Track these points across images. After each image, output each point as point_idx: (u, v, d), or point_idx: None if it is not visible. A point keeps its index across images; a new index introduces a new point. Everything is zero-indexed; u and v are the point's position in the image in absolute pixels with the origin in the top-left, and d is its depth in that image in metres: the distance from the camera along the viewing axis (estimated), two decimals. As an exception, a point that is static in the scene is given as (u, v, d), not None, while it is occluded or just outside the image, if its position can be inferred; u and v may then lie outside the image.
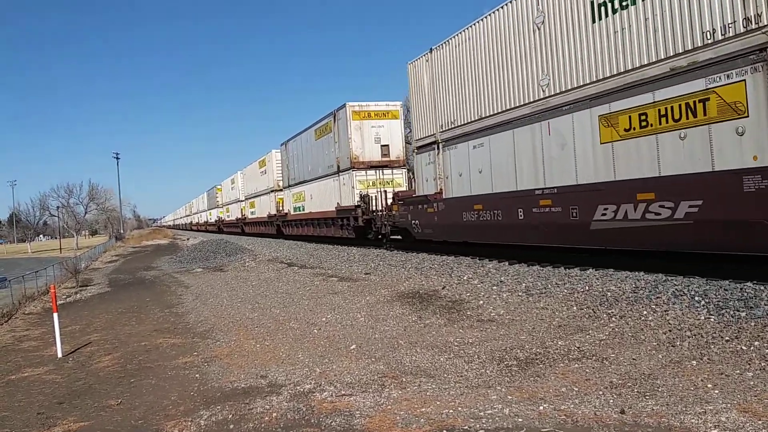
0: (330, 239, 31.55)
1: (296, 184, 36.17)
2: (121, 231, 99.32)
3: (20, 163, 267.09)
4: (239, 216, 57.67)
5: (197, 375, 8.36)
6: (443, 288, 13.24)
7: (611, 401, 5.85)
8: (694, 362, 6.80)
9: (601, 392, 6.14)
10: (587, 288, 10.73)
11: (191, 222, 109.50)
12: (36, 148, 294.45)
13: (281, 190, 40.69)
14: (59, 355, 10.65)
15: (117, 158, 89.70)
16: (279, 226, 41.29)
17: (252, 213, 50.50)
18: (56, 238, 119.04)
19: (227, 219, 66.96)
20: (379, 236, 24.27)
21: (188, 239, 62.35)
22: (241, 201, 56.67)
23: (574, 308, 9.84)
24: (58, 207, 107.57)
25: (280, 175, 40.71)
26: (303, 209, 34.84)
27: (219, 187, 73.39)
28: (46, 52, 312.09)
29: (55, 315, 11.18)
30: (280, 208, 40.49)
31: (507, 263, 14.80)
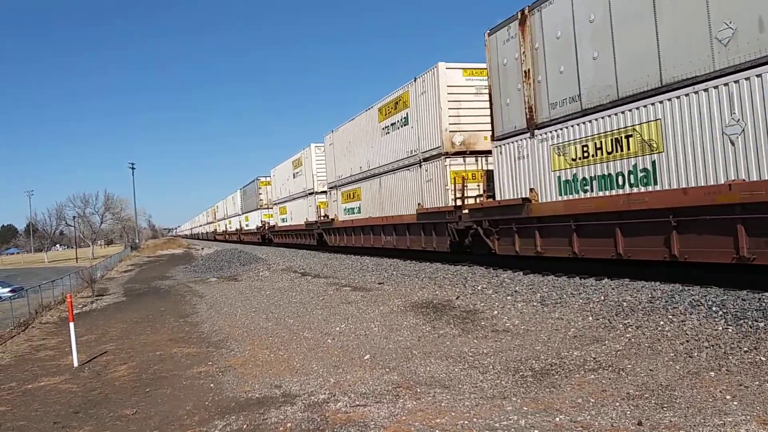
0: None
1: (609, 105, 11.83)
2: (137, 240, 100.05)
3: (37, 173, 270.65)
4: (314, 218, 34.66)
5: (212, 385, 8.39)
6: (457, 298, 13.19)
7: (628, 413, 5.79)
8: (713, 373, 6.71)
9: (617, 403, 6.07)
10: (603, 298, 10.64)
11: (215, 230, 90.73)
12: (53, 159, 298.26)
13: (479, 154, 18.48)
14: (75, 364, 10.74)
15: (132, 168, 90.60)
16: (477, 233, 16.84)
17: (351, 211, 27.92)
18: (72, 247, 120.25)
19: (283, 224, 43.88)
20: None
21: (203, 249, 62.61)
22: (317, 194, 34.99)
23: (590, 318, 9.76)
24: (74, 217, 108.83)
25: (463, 120, 18.56)
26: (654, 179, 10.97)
27: (265, 179, 52.33)
28: (64, 62, 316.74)
29: (71, 324, 11.27)
30: (461, 192, 17.50)
31: (521, 273, 14.71)
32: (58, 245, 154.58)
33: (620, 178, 11.71)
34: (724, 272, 10.54)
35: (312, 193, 35.78)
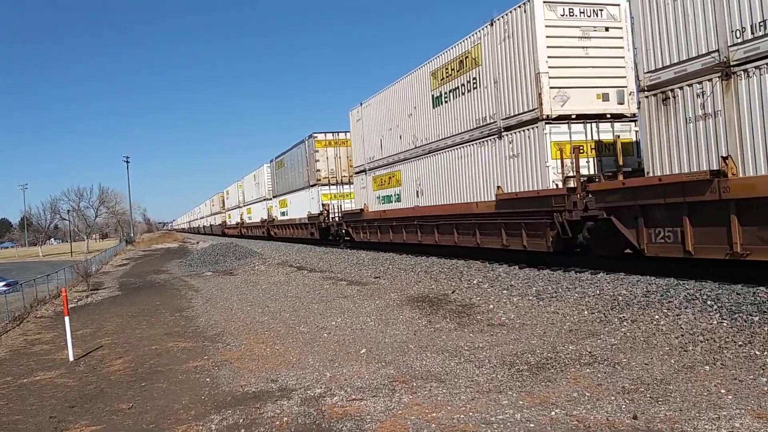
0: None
1: None
2: (131, 234, 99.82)
3: (31, 167, 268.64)
4: (547, 182, 13.81)
5: (208, 379, 8.38)
6: (453, 292, 13.21)
7: (623, 406, 5.81)
8: (707, 367, 6.74)
9: (613, 397, 6.10)
10: (598, 292, 10.67)
11: (224, 222, 73.00)
12: (47, 153, 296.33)
13: None
14: (71, 358, 10.71)
15: (127, 162, 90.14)
16: None
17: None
18: (67, 241, 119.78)
19: (384, 207, 24.37)
20: None
21: (198, 242, 62.42)
22: (552, 123, 13.77)
23: (585, 312, 9.79)
24: (68, 211, 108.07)
25: None
26: None
27: (325, 138, 33.99)
28: (60, 59, 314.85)
29: (67, 318, 11.24)
30: None
31: (517, 267, 14.74)
32: (52, 239, 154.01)
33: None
34: (719, 267, 10.58)
35: (532, 124, 14.45)
